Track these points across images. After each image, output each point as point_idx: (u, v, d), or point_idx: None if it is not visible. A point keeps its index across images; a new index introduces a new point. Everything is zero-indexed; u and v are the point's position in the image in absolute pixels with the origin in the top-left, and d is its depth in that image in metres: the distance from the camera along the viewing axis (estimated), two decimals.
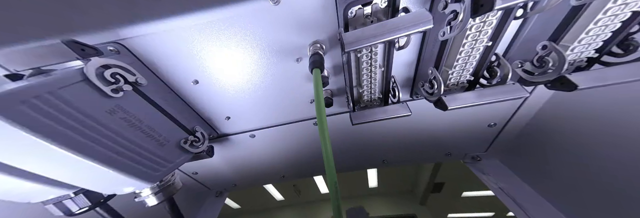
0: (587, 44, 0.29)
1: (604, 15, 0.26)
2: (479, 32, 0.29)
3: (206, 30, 0.32)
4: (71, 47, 0.24)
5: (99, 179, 0.28)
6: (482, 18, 0.28)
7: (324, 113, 0.22)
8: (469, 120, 0.51)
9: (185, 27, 0.31)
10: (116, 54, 0.31)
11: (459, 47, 0.31)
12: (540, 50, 0.31)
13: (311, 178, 2.51)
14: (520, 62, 0.34)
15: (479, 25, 0.28)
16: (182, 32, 0.31)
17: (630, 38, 0.28)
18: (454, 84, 0.37)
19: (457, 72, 0.35)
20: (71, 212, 0.31)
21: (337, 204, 0.22)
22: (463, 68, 0.34)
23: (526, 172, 0.55)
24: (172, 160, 0.35)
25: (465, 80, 0.36)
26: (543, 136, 0.49)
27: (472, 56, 0.32)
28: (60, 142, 0.22)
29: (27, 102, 0.21)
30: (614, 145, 0.38)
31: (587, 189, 0.43)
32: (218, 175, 0.64)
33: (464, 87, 0.38)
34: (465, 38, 0.30)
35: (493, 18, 0.28)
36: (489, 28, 0.29)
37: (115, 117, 0.28)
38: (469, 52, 0.32)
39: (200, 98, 0.41)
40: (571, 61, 0.32)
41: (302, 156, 0.58)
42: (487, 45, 0.31)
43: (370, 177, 2.78)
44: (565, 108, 0.43)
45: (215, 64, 0.36)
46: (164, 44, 0.32)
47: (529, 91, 0.36)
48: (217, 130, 0.48)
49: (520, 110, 0.48)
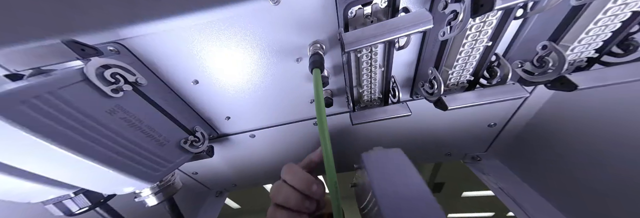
0: (587, 44, 0.29)
1: (604, 15, 0.26)
2: (479, 32, 0.29)
3: (206, 30, 0.32)
4: (71, 47, 0.24)
5: (99, 179, 0.28)
6: (482, 18, 0.28)
7: (324, 113, 0.22)
8: (469, 120, 0.51)
9: (185, 27, 0.31)
10: (116, 54, 0.31)
11: (459, 47, 0.31)
12: (540, 50, 0.31)
13: None
14: (520, 62, 0.34)
15: (479, 25, 0.28)
16: (182, 32, 0.31)
17: (630, 38, 0.28)
18: (454, 84, 0.37)
19: (457, 72, 0.35)
20: (71, 212, 0.31)
21: (337, 204, 0.22)
22: (463, 68, 0.34)
23: (526, 172, 0.55)
24: (172, 160, 0.35)
25: (465, 80, 0.36)
26: (543, 136, 0.49)
27: (472, 56, 0.32)
28: (60, 142, 0.22)
29: (27, 102, 0.21)
30: (614, 145, 0.38)
31: (587, 189, 0.43)
32: (218, 175, 0.64)
33: (464, 87, 0.38)
34: (465, 38, 0.30)
35: (493, 18, 0.28)
36: (489, 28, 0.29)
37: (115, 117, 0.28)
38: (469, 52, 0.32)
39: (200, 98, 0.41)
40: (571, 61, 0.32)
41: (302, 156, 0.57)
42: (487, 45, 0.31)
43: None
44: (565, 108, 0.43)
45: (215, 64, 0.36)
46: (164, 44, 0.32)
47: (529, 91, 0.36)
48: (217, 130, 0.48)
49: (520, 110, 0.48)
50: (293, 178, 0.30)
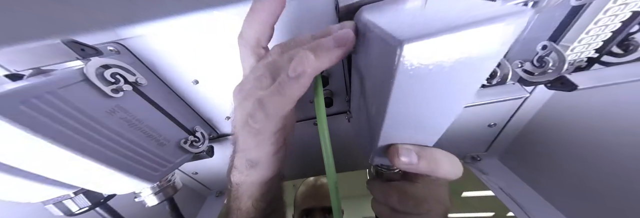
0: (587, 44, 0.29)
1: (604, 15, 0.26)
2: None
3: (206, 30, 0.31)
4: (71, 47, 0.24)
5: (98, 179, 0.28)
6: None
7: (324, 113, 0.21)
8: (469, 120, 0.51)
9: (185, 27, 0.31)
10: (116, 54, 0.31)
11: None
12: (540, 50, 0.31)
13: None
14: (520, 62, 0.34)
15: None
16: (182, 32, 0.31)
17: (630, 38, 0.28)
18: None
19: None
20: (71, 212, 0.31)
21: (337, 204, 0.22)
22: None
23: (526, 172, 0.55)
24: (172, 160, 0.35)
25: None
26: (543, 136, 0.49)
27: None
28: (60, 142, 0.22)
29: (27, 102, 0.21)
30: (614, 145, 0.38)
31: (587, 189, 0.43)
32: (218, 175, 0.64)
33: None
34: None
35: None
36: None
37: (115, 117, 0.28)
38: None
39: (200, 98, 0.41)
40: (571, 61, 0.32)
41: (302, 156, 0.58)
42: None
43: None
44: (565, 108, 0.43)
45: (215, 64, 0.36)
46: (164, 44, 0.32)
47: (529, 91, 0.36)
48: (217, 130, 0.48)
49: (520, 110, 0.48)
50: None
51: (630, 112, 0.35)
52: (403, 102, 0.15)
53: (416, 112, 0.16)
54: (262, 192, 0.27)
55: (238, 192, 0.27)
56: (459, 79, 0.13)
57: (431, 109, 0.16)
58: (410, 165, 0.20)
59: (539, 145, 0.50)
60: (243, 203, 0.27)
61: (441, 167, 0.21)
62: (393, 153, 0.20)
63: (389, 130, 0.18)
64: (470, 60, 0.12)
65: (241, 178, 0.26)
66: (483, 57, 0.12)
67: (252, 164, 0.24)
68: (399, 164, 0.20)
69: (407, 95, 0.14)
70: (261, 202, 0.27)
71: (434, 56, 0.12)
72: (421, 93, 0.14)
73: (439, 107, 0.16)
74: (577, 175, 0.44)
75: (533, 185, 0.53)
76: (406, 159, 0.20)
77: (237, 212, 0.28)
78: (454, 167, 0.22)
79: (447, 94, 0.15)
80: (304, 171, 0.65)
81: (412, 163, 0.20)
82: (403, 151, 0.20)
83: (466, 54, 0.12)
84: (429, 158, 0.20)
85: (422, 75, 0.13)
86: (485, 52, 0.12)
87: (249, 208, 0.27)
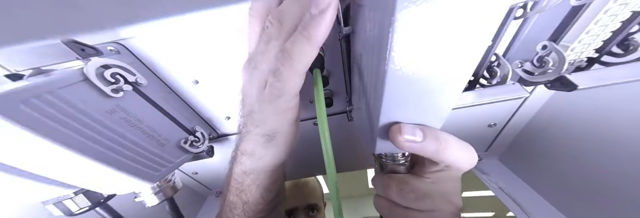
0: (587, 44, 0.29)
1: (604, 15, 0.26)
2: None
3: (206, 30, 0.31)
4: (71, 47, 0.24)
5: (99, 179, 0.28)
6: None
7: (324, 113, 0.21)
8: (469, 120, 0.51)
9: (185, 27, 0.31)
10: (116, 53, 0.31)
11: None
12: (540, 50, 0.31)
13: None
14: (520, 62, 0.34)
15: None
16: (182, 32, 0.31)
17: (630, 38, 0.28)
18: None
19: None
20: (71, 212, 0.31)
21: (337, 204, 0.22)
22: None
23: (526, 172, 0.55)
24: (172, 160, 0.35)
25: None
26: (543, 136, 0.49)
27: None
28: (60, 142, 0.22)
29: (27, 101, 0.21)
30: (614, 145, 0.38)
31: (587, 189, 0.43)
32: (218, 175, 0.64)
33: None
34: None
35: None
36: None
37: (115, 117, 0.28)
38: None
39: (200, 98, 0.41)
40: (571, 61, 0.32)
41: (302, 156, 0.58)
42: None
43: (370, 177, 2.78)
44: (565, 108, 0.43)
45: (215, 64, 0.36)
46: (164, 44, 0.32)
47: (529, 91, 0.36)
48: (217, 130, 0.48)
49: (520, 110, 0.48)
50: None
51: (630, 112, 0.35)
52: (404, 58, 0.14)
53: (418, 79, 0.15)
54: (273, 179, 0.26)
55: (244, 184, 0.26)
56: (461, 31, 0.13)
57: (433, 72, 0.15)
58: (414, 143, 0.18)
59: (539, 145, 0.50)
60: (251, 195, 0.26)
61: (450, 150, 0.19)
62: (395, 131, 0.18)
63: (390, 101, 0.17)
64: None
65: (252, 165, 0.25)
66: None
67: (268, 138, 0.23)
68: (402, 142, 0.18)
69: (407, 52, 0.14)
70: (270, 192, 0.26)
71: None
72: (422, 49, 0.14)
73: (440, 69, 0.15)
74: (577, 175, 0.44)
75: (533, 185, 0.53)
76: (410, 136, 0.17)
77: (244, 207, 0.27)
78: (466, 153, 0.20)
79: (449, 51, 0.14)
80: (304, 171, 0.65)
81: (416, 141, 0.18)
82: (407, 128, 0.18)
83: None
84: (436, 137, 0.18)
85: (421, 23, 0.12)
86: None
87: (257, 200, 0.26)
